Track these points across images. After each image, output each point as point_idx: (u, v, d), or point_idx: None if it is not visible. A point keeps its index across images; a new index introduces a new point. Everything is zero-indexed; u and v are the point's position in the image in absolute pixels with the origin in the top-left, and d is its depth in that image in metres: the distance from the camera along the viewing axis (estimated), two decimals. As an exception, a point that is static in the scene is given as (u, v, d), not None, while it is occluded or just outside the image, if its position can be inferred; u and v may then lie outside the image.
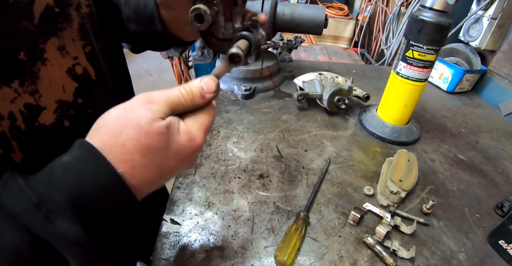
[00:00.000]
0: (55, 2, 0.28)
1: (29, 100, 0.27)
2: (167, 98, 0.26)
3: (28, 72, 0.26)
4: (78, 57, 0.31)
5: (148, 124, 0.24)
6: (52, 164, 0.24)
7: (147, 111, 0.25)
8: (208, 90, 0.28)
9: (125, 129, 0.24)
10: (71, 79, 0.31)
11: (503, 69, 0.93)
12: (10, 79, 0.25)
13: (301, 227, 0.47)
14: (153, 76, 3.08)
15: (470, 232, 0.52)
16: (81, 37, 0.32)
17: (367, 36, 2.13)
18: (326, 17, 0.77)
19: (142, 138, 0.24)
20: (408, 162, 0.59)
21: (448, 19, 0.58)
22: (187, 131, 0.27)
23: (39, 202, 0.21)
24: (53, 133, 0.29)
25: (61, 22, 0.29)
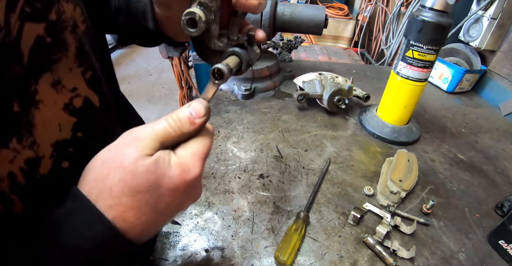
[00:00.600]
0: (46, 30, 0.24)
1: (29, 155, 0.24)
2: (153, 132, 0.24)
3: (25, 124, 0.24)
4: (76, 88, 0.29)
5: (133, 163, 0.23)
6: (47, 219, 0.23)
7: (131, 150, 0.23)
8: (197, 114, 0.26)
9: (111, 172, 0.23)
10: (69, 115, 0.28)
11: (503, 69, 0.93)
12: (7, 139, 0.22)
13: (301, 227, 0.47)
14: (153, 76, 3.08)
15: (470, 232, 0.52)
16: (79, 63, 0.29)
17: (367, 36, 2.13)
18: (326, 17, 0.77)
19: (128, 179, 0.23)
20: (408, 162, 0.59)
21: (448, 19, 0.58)
22: (178, 163, 0.25)
23: None
24: (51, 179, 0.27)
25: (55, 53, 0.26)
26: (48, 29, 0.25)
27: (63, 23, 0.26)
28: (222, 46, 0.32)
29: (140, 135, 0.24)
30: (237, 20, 0.33)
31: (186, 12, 0.28)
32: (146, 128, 0.25)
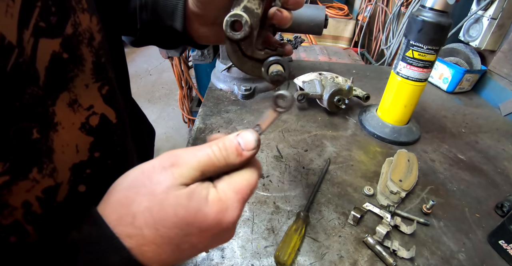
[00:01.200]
0: (62, 45, 0.22)
1: (48, 183, 0.22)
2: (195, 159, 0.22)
3: (45, 151, 0.22)
4: (93, 105, 0.26)
5: (165, 192, 0.20)
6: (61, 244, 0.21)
7: (166, 176, 0.21)
8: (246, 146, 0.23)
9: (138, 198, 0.21)
10: (85, 135, 0.26)
11: (503, 69, 0.93)
12: (28, 170, 0.20)
13: (301, 227, 0.47)
14: (153, 76, 3.08)
15: (470, 232, 0.52)
16: (96, 79, 0.26)
17: (367, 36, 2.13)
18: (326, 17, 0.77)
19: (155, 210, 0.20)
20: (408, 162, 0.59)
21: (448, 19, 0.58)
22: (217, 200, 0.22)
23: None
24: (67, 205, 0.25)
25: (72, 69, 0.24)
26: (63, 44, 0.22)
27: (79, 37, 0.24)
28: (262, 54, 0.31)
29: (179, 161, 0.21)
30: (263, 32, 0.31)
31: (232, 14, 0.26)
32: (187, 153, 0.22)
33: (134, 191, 0.21)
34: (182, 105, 2.10)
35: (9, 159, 0.19)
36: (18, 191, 0.20)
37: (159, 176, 0.21)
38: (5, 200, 0.19)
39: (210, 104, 0.81)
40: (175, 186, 0.21)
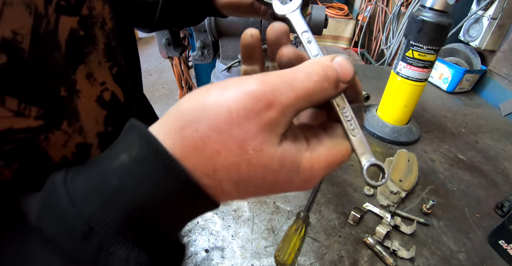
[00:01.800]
0: (79, 24, 0.25)
1: (79, 140, 0.24)
2: (293, 96, 0.17)
3: (71, 109, 0.23)
4: (105, 82, 0.28)
5: (258, 150, 0.17)
6: (102, 167, 0.17)
7: (260, 126, 0.17)
8: (344, 77, 0.19)
9: (224, 151, 0.17)
10: (101, 108, 0.27)
11: (503, 69, 0.93)
12: (59, 121, 0.22)
13: (301, 227, 0.47)
14: (153, 76, 3.08)
15: (470, 232, 0.52)
16: (107, 59, 0.29)
17: (367, 36, 2.13)
18: (326, 17, 0.77)
19: (243, 169, 0.17)
20: (408, 162, 0.59)
21: (448, 19, 0.58)
22: (308, 169, 0.19)
23: (88, 229, 0.16)
24: None
25: (87, 46, 0.26)
26: (80, 23, 0.25)
27: (93, 19, 0.27)
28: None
29: (276, 100, 0.17)
30: None
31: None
32: (284, 86, 0.17)
33: (218, 139, 0.17)
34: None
35: (43, 107, 0.20)
36: (56, 142, 0.21)
37: (251, 124, 0.17)
38: (45, 150, 0.21)
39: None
40: (271, 140, 0.17)
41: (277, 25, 0.21)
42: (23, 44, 0.19)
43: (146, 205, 0.16)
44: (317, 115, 0.23)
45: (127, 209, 0.16)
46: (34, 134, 0.20)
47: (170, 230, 0.19)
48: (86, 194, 0.16)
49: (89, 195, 0.16)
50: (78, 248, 0.16)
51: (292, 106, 0.17)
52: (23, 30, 0.19)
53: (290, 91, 0.17)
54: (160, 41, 1.05)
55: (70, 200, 0.16)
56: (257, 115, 0.17)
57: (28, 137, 0.20)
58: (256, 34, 0.22)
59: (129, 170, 0.17)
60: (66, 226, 0.16)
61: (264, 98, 0.17)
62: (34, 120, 0.20)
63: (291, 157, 0.18)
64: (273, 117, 0.17)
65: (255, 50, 0.23)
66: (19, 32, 0.19)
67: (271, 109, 0.17)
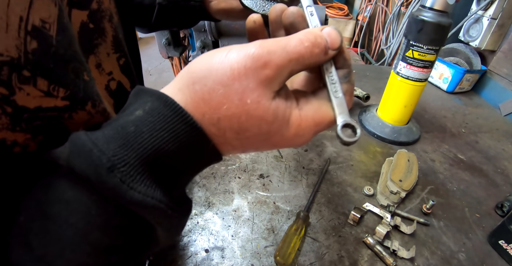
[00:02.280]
0: (89, 17, 0.27)
1: (100, 119, 0.25)
2: (287, 58, 0.20)
3: (95, 92, 0.25)
4: (112, 72, 0.31)
5: (256, 102, 0.20)
6: (122, 119, 0.20)
7: (258, 82, 0.19)
8: (332, 45, 0.21)
9: (227, 103, 0.19)
10: (109, 96, 0.30)
11: (503, 69, 0.93)
12: (84, 102, 0.24)
13: (301, 227, 0.47)
14: (153, 76, 3.08)
15: (470, 232, 0.52)
16: (115, 50, 0.31)
17: (367, 36, 2.13)
18: (326, 17, 0.77)
19: (243, 119, 0.20)
20: (408, 162, 0.59)
21: (448, 19, 0.58)
22: (297, 125, 0.22)
23: (111, 165, 0.18)
24: None
25: (96, 38, 0.28)
26: (90, 16, 0.27)
27: (102, 12, 0.29)
28: None
29: (271, 60, 0.19)
30: None
31: None
32: (279, 49, 0.20)
33: (222, 92, 0.19)
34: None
35: (70, 88, 0.22)
36: (78, 120, 0.23)
37: (250, 80, 0.19)
38: (66, 126, 0.23)
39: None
40: (266, 95, 0.20)
41: (279, 6, 0.24)
42: (50, 31, 0.21)
43: (160, 147, 0.19)
44: (310, 82, 0.26)
45: (144, 150, 0.19)
46: (60, 112, 0.22)
47: (181, 174, 0.21)
48: (107, 139, 0.19)
49: (110, 140, 0.19)
50: (104, 181, 0.18)
51: (285, 67, 0.20)
52: (50, 19, 0.21)
53: (284, 53, 0.20)
54: (160, 41, 1.05)
55: (94, 144, 0.18)
56: (255, 72, 0.19)
57: (54, 115, 0.22)
58: (259, 20, 0.25)
59: (144, 120, 0.19)
60: (93, 163, 0.18)
61: (261, 58, 0.19)
62: (61, 100, 0.22)
63: (282, 111, 0.21)
64: (269, 75, 0.19)
65: (259, 35, 0.25)
66: (47, 20, 0.21)
67: (267, 68, 0.19)
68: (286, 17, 0.24)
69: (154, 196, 0.19)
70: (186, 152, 0.20)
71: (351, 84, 0.24)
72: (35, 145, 0.21)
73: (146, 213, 0.19)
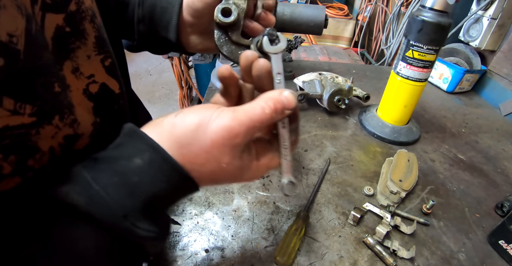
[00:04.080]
0: (66, 20, 0.26)
1: (68, 132, 0.26)
2: (252, 125, 0.25)
3: (66, 104, 0.26)
4: (94, 74, 0.30)
5: (228, 164, 0.25)
6: (122, 168, 0.24)
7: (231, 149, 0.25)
8: (288, 106, 0.26)
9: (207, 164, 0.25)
10: (88, 100, 0.30)
11: (503, 69, 0.93)
12: (51, 116, 0.24)
13: (301, 227, 0.47)
14: (153, 76, 3.08)
15: (470, 232, 0.52)
16: (98, 51, 0.30)
17: (367, 36, 2.13)
18: (326, 17, 0.77)
19: (218, 173, 0.26)
20: (408, 162, 0.59)
21: (448, 19, 0.58)
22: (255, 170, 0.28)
23: (124, 213, 0.23)
24: (82, 153, 0.29)
25: (73, 41, 0.27)
26: (67, 19, 0.26)
27: (83, 13, 0.28)
28: (247, 41, 0.34)
29: (241, 130, 0.24)
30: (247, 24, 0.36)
31: (223, 3, 0.32)
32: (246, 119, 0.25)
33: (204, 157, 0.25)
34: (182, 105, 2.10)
35: (36, 105, 0.23)
36: (45, 135, 0.24)
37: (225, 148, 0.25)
38: (35, 142, 0.23)
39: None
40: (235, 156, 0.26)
41: (250, 54, 0.28)
42: (18, 45, 0.21)
43: (159, 194, 0.24)
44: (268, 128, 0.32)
45: (146, 198, 0.24)
46: (27, 129, 0.22)
47: (170, 206, 0.27)
48: (115, 187, 0.23)
49: (118, 189, 0.23)
50: (119, 226, 0.23)
51: (251, 133, 0.25)
52: (18, 31, 0.21)
53: (251, 123, 0.25)
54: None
55: (107, 194, 0.23)
56: (229, 142, 0.25)
57: (22, 132, 0.22)
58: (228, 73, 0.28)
59: (145, 171, 0.24)
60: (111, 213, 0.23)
61: (233, 130, 0.24)
62: (28, 117, 0.22)
63: (246, 164, 0.27)
64: (239, 143, 0.25)
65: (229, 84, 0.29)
66: (14, 34, 0.20)
67: (238, 137, 0.24)
68: (254, 70, 0.27)
69: (152, 230, 0.24)
70: (177, 194, 0.27)
71: (297, 134, 0.30)
72: (8, 165, 0.22)
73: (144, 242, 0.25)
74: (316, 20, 0.77)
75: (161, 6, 0.40)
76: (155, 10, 0.40)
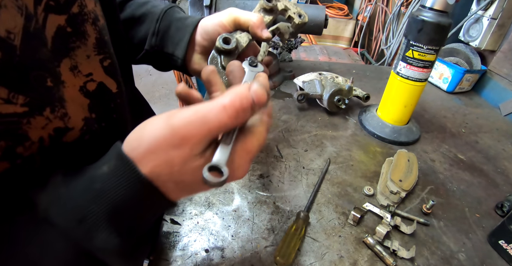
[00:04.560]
0: (67, 21, 0.28)
1: (58, 124, 0.27)
2: (207, 128, 0.22)
3: (57, 98, 0.27)
4: (92, 73, 0.31)
5: (182, 166, 0.24)
6: (91, 174, 0.24)
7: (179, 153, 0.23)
8: (259, 102, 0.23)
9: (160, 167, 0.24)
10: (84, 97, 0.31)
11: (503, 69, 0.93)
12: (42, 108, 0.25)
13: (301, 227, 0.47)
14: (153, 76, 3.08)
15: (470, 232, 0.52)
16: (98, 52, 0.31)
17: (367, 36, 2.13)
18: (326, 17, 0.77)
19: (175, 176, 0.24)
20: (408, 162, 0.59)
21: (448, 19, 0.58)
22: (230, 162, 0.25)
23: (81, 217, 0.23)
24: (72, 146, 0.30)
25: (74, 41, 0.29)
26: (69, 20, 0.28)
27: (85, 16, 0.29)
28: None
29: (188, 136, 0.23)
30: None
31: (226, 34, 0.38)
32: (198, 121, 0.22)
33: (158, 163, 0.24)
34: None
35: (29, 96, 0.24)
36: (36, 125, 0.25)
37: (173, 153, 0.23)
38: (26, 131, 0.25)
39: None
40: (190, 160, 0.24)
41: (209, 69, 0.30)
42: (15, 41, 0.23)
43: (123, 203, 0.24)
44: None
45: (110, 205, 0.23)
46: (19, 118, 0.24)
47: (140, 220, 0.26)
48: (79, 192, 0.24)
49: (82, 194, 0.23)
50: (74, 231, 0.23)
51: (205, 137, 0.23)
52: (16, 29, 0.23)
53: (202, 125, 0.22)
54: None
55: (70, 197, 0.23)
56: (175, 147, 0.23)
57: (14, 120, 0.24)
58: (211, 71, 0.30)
59: (110, 178, 0.24)
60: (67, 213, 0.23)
61: (178, 133, 0.23)
62: (20, 107, 0.24)
63: None
64: (188, 149, 0.23)
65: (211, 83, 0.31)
66: (12, 31, 0.22)
67: (185, 143, 0.23)
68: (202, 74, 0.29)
69: (111, 242, 0.23)
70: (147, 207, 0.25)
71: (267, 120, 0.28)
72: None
73: (105, 256, 0.24)
74: (316, 20, 0.77)
75: (177, 26, 0.45)
76: (170, 28, 0.45)
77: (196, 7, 0.82)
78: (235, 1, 0.81)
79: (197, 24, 0.44)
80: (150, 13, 0.46)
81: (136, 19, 0.46)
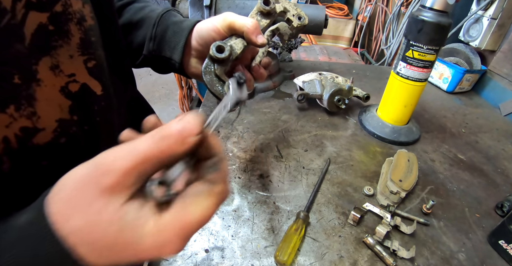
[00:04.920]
0: (50, 19, 0.27)
1: (25, 123, 0.26)
2: (131, 160, 0.19)
3: (24, 95, 0.26)
4: (75, 73, 0.30)
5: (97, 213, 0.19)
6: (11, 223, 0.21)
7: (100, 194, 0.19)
8: (190, 132, 0.20)
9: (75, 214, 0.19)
10: (65, 98, 0.30)
11: (503, 69, 0.93)
12: (5, 105, 0.24)
13: (301, 227, 0.47)
14: (153, 76, 3.08)
15: (470, 232, 0.52)
16: (82, 53, 0.30)
17: (367, 36, 2.13)
18: (326, 17, 0.77)
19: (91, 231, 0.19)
20: (408, 162, 0.59)
21: (448, 19, 0.58)
22: (154, 233, 0.20)
23: None
24: (45, 149, 0.28)
25: (56, 40, 0.28)
26: (51, 18, 0.27)
27: (69, 15, 0.29)
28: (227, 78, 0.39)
29: (111, 167, 0.19)
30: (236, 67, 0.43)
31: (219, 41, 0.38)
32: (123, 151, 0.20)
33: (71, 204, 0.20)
34: (182, 105, 2.10)
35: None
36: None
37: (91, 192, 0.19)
38: None
39: (210, 104, 0.81)
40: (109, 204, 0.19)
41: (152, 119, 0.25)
42: None
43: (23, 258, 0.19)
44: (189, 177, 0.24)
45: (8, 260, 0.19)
46: None
47: None
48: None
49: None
50: None
51: (133, 169, 0.19)
52: None
53: (129, 155, 0.19)
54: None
55: None
56: (95, 182, 0.19)
57: None
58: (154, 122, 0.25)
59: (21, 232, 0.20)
60: None
61: (101, 166, 0.19)
62: None
63: (131, 221, 0.19)
64: (110, 182, 0.19)
65: None
66: None
67: (108, 175, 0.19)
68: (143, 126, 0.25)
69: None
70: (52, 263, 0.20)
71: (222, 171, 0.23)
72: None
73: None
74: (316, 20, 0.77)
75: (173, 30, 0.44)
76: (166, 32, 0.45)
77: (196, 7, 0.82)
78: (235, 1, 0.81)
79: (192, 28, 0.44)
80: (147, 18, 0.46)
81: (134, 24, 0.46)
